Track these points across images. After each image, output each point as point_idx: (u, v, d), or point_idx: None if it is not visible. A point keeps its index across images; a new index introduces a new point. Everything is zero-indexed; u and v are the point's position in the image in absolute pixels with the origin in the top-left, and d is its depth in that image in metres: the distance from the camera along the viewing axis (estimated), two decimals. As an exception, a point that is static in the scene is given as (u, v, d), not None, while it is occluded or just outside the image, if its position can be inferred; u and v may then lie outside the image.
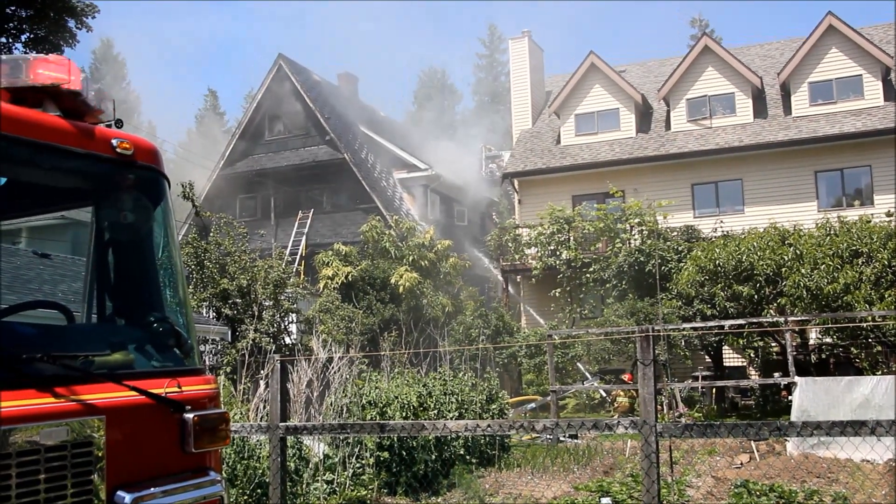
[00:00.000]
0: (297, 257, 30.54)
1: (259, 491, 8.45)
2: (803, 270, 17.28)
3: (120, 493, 3.23)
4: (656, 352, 6.24)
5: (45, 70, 3.41)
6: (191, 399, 3.59)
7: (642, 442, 5.94)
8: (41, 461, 2.97)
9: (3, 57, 3.45)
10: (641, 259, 22.68)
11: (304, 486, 9.17)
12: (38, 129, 3.34)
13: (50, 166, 3.53)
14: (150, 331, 3.77)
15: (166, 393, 3.47)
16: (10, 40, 24.26)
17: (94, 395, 3.21)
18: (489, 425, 6.57)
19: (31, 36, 24.66)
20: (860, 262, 16.96)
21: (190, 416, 3.55)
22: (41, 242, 19.19)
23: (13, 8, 24.05)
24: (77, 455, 3.10)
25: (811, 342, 19.54)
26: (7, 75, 3.38)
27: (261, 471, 8.52)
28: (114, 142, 3.67)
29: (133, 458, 3.34)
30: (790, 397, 16.18)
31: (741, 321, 17.55)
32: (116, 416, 3.25)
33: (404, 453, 10.15)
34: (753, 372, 21.68)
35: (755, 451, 12.79)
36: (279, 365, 7.28)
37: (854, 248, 17.21)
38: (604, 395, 21.44)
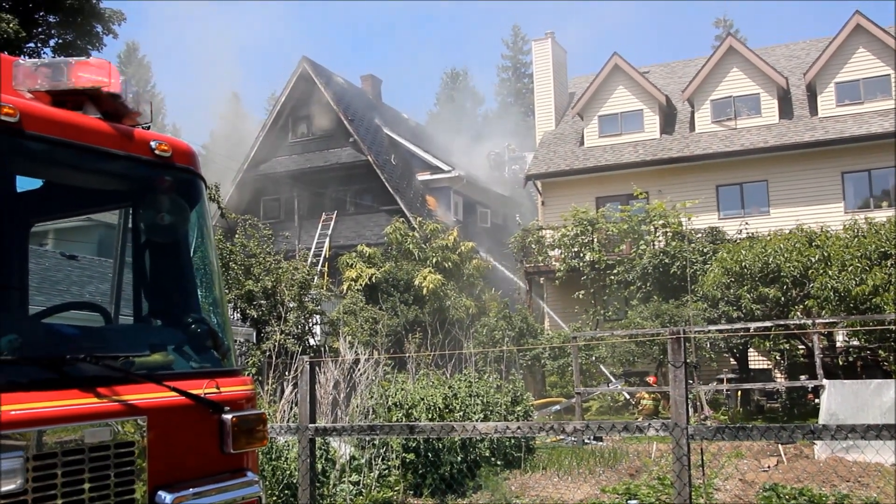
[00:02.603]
0: (321, 259, 30.64)
1: (287, 492, 8.47)
2: (831, 272, 17.11)
3: (161, 493, 3.25)
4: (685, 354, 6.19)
5: (86, 73, 3.44)
6: (229, 400, 3.61)
7: (673, 444, 5.89)
8: (85, 461, 3.00)
9: (45, 60, 3.48)
10: (666, 261, 22.57)
11: (330, 487, 9.19)
12: (80, 131, 3.38)
13: (91, 168, 3.56)
14: (187, 332, 3.80)
15: (205, 394, 3.49)
16: (39, 45, 24.53)
17: (136, 395, 3.23)
18: (519, 427, 6.54)
19: (60, 41, 24.91)
20: (889, 264, 16.76)
21: (228, 416, 3.56)
22: (67, 244, 19.36)
23: (41, 13, 24.31)
24: (119, 455, 3.12)
25: (838, 345, 19.36)
26: (49, 78, 3.41)
27: (289, 472, 8.55)
28: (152, 144, 3.70)
29: (173, 459, 3.36)
30: (817, 400, 16.05)
31: (768, 323, 17.42)
32: (157, 416, 3.28)
33: (430, 455, 10.14)
34: (779, 375, 21.50)
35: (782, 454, 12.68)
36: (308, 366, 7.30)
37: (883, 249, 17.01)
38: (628, 397, 21.34)
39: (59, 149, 3.32)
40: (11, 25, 20.37)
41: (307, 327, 18.92)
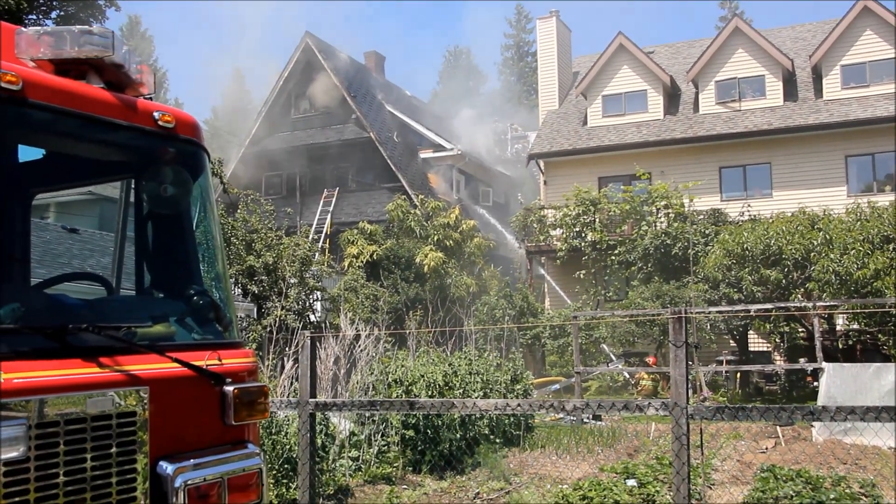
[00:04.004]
0: (323, 235, 30.63)
1: (287, 466, 8.51)
2: (832, 255, 17.11)
3: (162, 463, 3.26)
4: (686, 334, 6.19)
5: (90, 42, 3.40)
6: (231, 372, 3.61)
7: (673, 424, 5.91)
8: (87, 430, 3.01)
9: (49, 28, 3.45)
10: (667, 242, 22.56)
11: (329, 462, 9.23)
12: (83, 101, 3.35)
13: (94, 138, 3.54)
14: (189, 304, 3.79)
15: (207, 365, 3.49)
16: (41, 17, 24.41)
17: (138, 366, 3.23)
18: (519, 404, 6.56)
19: (61, 13, 24.79)
20: (891, 248, 16.76)
21: (230, 388, 3.56)
22: (68, 218, 19.37)
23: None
24: (121, 425, 3.13)
25: (838, 328, 19.39)
26: (52, 47, 3.38)
27: (288, 446, 8.58)
28: (156, 114, 3.68)
29: (175, 430, 3.36)
30: (816, 383, 16.09)
31: (768, 305, 17.43)
32: (159, 387, 3.28)
33: (430, 432, 10.19)
34: (778, 357, 21.54)
35: (780, 436, 12.73)
36: (309, 341, 7.31)
37: (885, 233, 17.01)
38: (627, 377, 21.41)
39: (62, 118, 3.29)
40: (13, -3, 20.26)
41: (308, 303, 18.94)
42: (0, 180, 3.53)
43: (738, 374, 19.79)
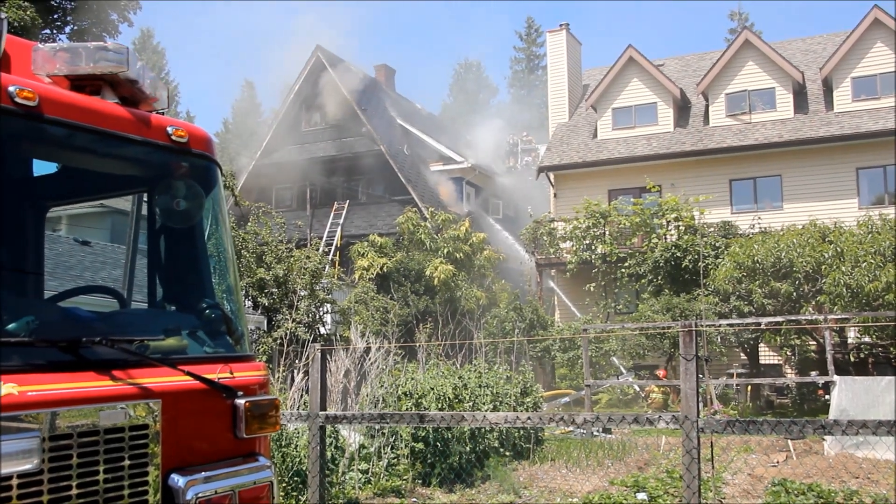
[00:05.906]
0: (333, 248, 30.69)
1: (297, 479, 8.52)
2: (844, 268, 17.05)
3: (174, 475, 3.28)
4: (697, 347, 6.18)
5: (104, 58, 3.45)
6: (242, 385, 3.63)
7: (683, 437, 5.90)
8: (100, 443, 3.03)
9: (64, 45, 3.50)
10: (678, 254, 22.52)
11: (339, 475, 9.23)
12: (98, 116, 3.39)
13: (108, 153, 3.58)
14: (201, 317, 3.82)
15: (219, 378, 3.51)
16: (55, 32, 24.64)
17: (151, 379, 3.26)
18: (529, 417, 6.56)
19: (75, 27, 25.01)
20: (903, 261, 16.71)
21: (241, 401, 3.58)
22: (80, 230, 19.46)
23: (58, 0, 24.41)
24: (133, 437, 3.15)
25: (850, 341, 19.30)
26: (67, 63, 3.43)
27: (298, 459, 8.59)
28: (169, 129, 3.71)
29: (186, 442, 3.38)
30: (827, 396, 16.02)
31: (779, 318, 17.37)
32: (171, 400, 3.30)
33: (439, 445, 10.17)
34: (789, 370, 21.45)
35: (792, 450, 12.66)
36: (320, 354, 7.32)
37: (897, 246, 16.96)
38: (637, 390, 21.34)
39: (78, 133, 3.33)
40: (28, 13, 20.47)
41: (318, 316, 18.96)
42: (15, 194, 3.57)
43: (749, 388, 19.71)
